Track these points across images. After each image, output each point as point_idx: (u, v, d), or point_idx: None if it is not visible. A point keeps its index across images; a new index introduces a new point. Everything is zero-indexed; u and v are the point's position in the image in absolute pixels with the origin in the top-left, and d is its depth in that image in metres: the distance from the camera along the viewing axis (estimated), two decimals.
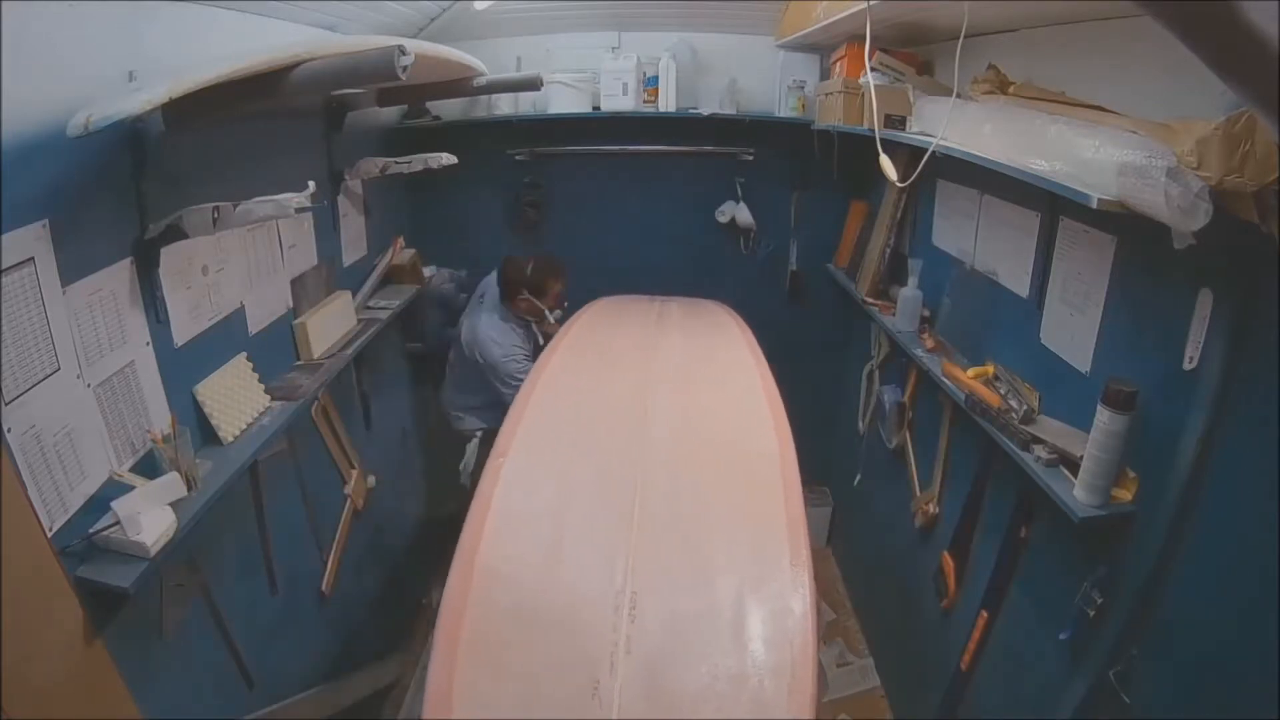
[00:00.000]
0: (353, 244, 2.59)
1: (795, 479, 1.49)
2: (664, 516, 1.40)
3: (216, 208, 1.41)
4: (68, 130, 1.14)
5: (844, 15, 2.11)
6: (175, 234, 1.45)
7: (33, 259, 1.19)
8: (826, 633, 3.13)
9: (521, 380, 2.02)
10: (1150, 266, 1.45)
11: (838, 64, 2.66)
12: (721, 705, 1.09)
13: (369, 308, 2.62)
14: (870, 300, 2.74)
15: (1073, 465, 1.53)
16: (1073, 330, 1.69)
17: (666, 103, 3.02)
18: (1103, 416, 1.40)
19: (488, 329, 2.69)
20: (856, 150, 2.63)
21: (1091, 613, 1.51)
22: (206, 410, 1.65)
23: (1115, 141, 1.26)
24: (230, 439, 1.69)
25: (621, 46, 3.09)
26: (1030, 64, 1.79)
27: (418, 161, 2.45)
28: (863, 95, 2.31)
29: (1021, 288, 1.90)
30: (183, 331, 1.61)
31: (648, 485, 1.47)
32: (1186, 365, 1.33)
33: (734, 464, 1.58)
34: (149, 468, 1.45)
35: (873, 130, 1.87)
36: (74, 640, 1.25)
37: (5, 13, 1.08)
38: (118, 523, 1.29)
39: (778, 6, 2.91)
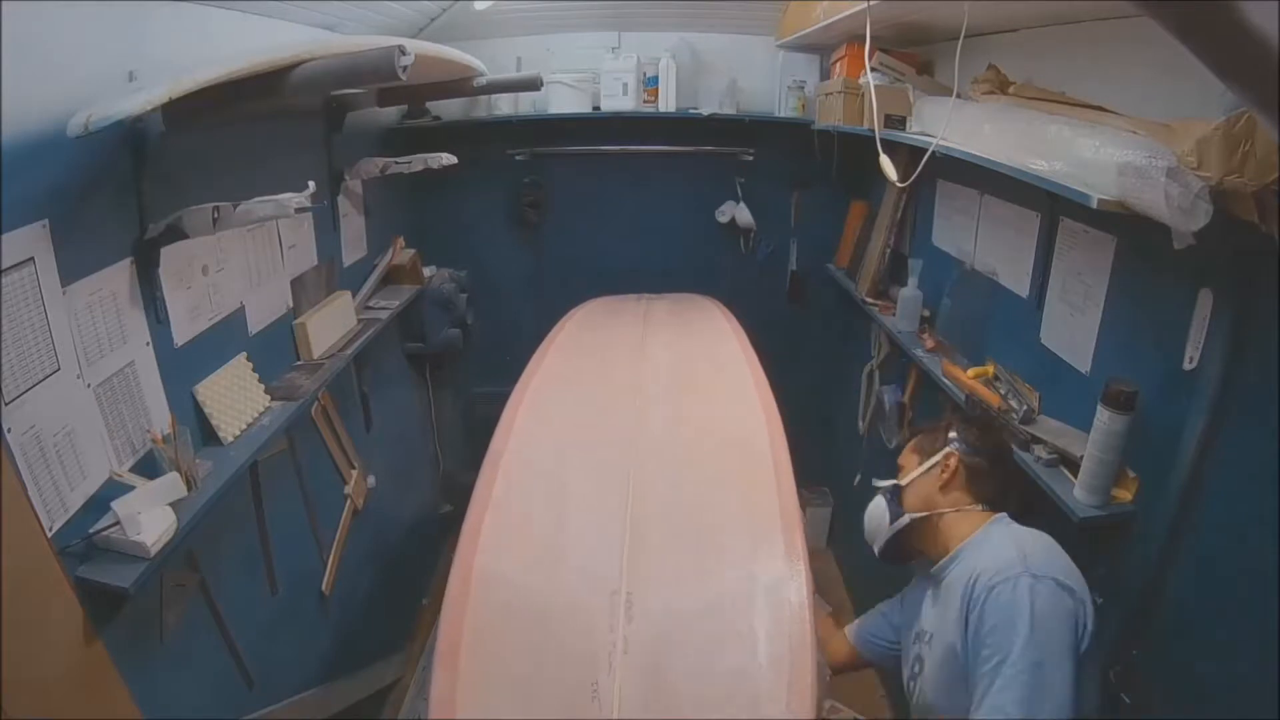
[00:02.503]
0: (353, 244, 2.58)
1: (788, 472, 1.49)
2: (658, 514, 1.40)
3: (216, 208, 1.41)
4: (68, 130, 1.14)
5: (844, 15, 2.11)
6: (175, 234, 1.45)
7: (33, 259, 1.19)
8: None
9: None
10: (1150, 266, 1.45)
11: (838, 64, 2.66)
12: (721, 702, 1.09)
13: (369, 308, 2.62)
14: (870, 300, 2.74)
15: (1073, 465, 1.52)
16: (1073, 330, 1.69)
17: (666, 103, 3.02)
18: (1103, 416, 1.40)
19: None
20: (856, 150, 2.63)
21: None
22: (206, 410, 1.65)
23: (1115, 141, 1.26)
24: (230, 439, 1.69)
25: (621, 46, 3.09)
26: (1030, 64, 1.79)
27: (418, 161, 2.45)
28: (863, 95, 2.31)
29: (1021, 288, 1.90)
30: (183, 331, 1.61)
31: (641, 484, 1.47)
32: (1186, 365, 1.33)
33: (726, 459, 1.58)
34: (149, 468, 1.45)
35: (873, 130, 1.87)
36: (74, 640, 1.25)
37: (5, 13, 1.08)
38: (118, 523, 1.29)
39: (778, 6, 2.91)
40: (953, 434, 1.43)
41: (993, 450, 1.42)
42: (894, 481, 1.46)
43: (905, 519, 1.40)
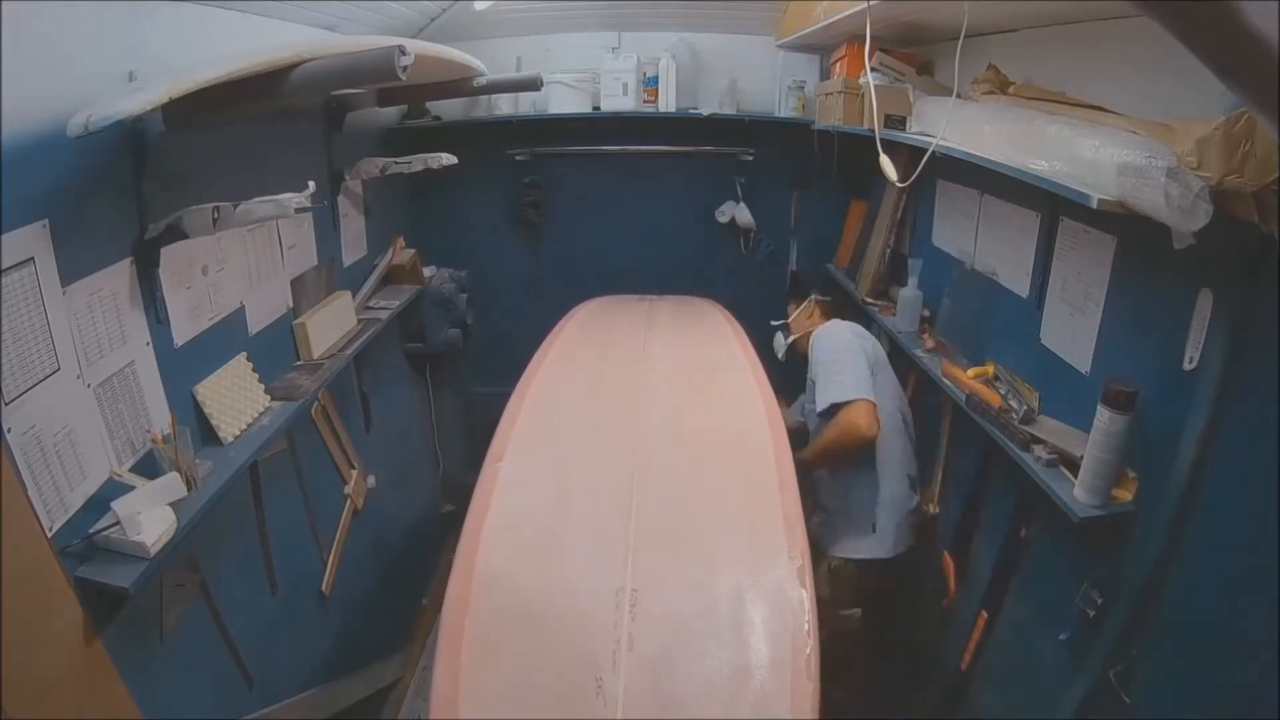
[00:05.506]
0: (353, 244, 2.59)
1: (790, 472, 1.49)
2: (662, 514, 1.40)
3: (216, 208, 1.41)
4: (68, 130, 1.14)
5: (844, 15, 2.11)
6: (175, 234, 1.45)
7: (33, 259, 1.19)
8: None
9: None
10: (1150, 266, 1.45)
11: (838, 64, 2.66)
12: (723, 700, 1.09)
13: (369, 308, 2.62)
14: (870, 300, 2.73)
15: (1073, 465, 1.53)
16: (1073, 330, 1.69)
17: (666, 103, 3.02)
18: (1103, 416, 1.40)
19: None
20: (856, 150, 2.63)
21: (1091, 613, 1.51)
22: (206, 410, 1.65)
23: (1115, 141, 1.26)
24: (230, 439, 1.69)
25: (621, 46, 3.10)
26: (1030, 64, 1.79)
27: (418, 161, 2.46)
28: (863, 95, 2.31)
29: (1021, 288, 1.90)
30: (183, 331, 1.61)
31: (644, 483, 1.47)
32: (1186, 365, 1.33)
33: (729, 459, 1.59)
34: (149, 468, 1.45)
35: (873, 130, 1.87)
36: (74, 640, 1.25)
37: (5, 13, 1.08)
38: (118, 523, 1.29)
39: (778, 6, 2.91)
40: (814, 293, 2.56)
41: (835, 300, 2.59)
42: (783, 321, 2.57)
43: (792, 336, 2.48)
